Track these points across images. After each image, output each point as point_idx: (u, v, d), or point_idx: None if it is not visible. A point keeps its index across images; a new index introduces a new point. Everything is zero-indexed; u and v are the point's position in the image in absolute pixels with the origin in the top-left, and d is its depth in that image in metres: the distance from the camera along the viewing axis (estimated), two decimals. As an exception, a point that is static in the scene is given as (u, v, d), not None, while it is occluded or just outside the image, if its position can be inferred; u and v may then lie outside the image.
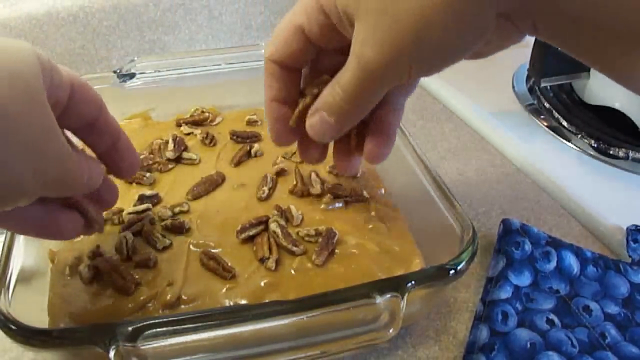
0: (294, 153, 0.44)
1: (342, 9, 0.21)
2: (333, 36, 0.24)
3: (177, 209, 0.38)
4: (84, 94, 0.26)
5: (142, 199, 0.38)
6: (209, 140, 0.45)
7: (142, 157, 0.41)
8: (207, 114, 0.49)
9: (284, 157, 0.44)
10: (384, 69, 0.20)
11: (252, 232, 0.36)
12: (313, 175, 0.41)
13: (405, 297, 0.28)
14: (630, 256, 0.42)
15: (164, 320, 0.25)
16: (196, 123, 0.48)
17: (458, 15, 0.18)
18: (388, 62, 0.20)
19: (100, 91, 0.31)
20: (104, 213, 0.36)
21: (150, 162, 0.42)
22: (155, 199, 0.39)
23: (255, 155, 0.44)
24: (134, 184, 0.40)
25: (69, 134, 0.27)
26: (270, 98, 0.28)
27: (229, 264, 0.34)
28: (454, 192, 0.35)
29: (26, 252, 0.31)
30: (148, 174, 0.40)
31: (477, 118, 0.58)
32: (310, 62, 0.27)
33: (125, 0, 0.61)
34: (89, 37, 0.61)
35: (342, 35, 0.23)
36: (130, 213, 0.37)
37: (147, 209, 0.37)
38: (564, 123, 0.56)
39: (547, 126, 0.57)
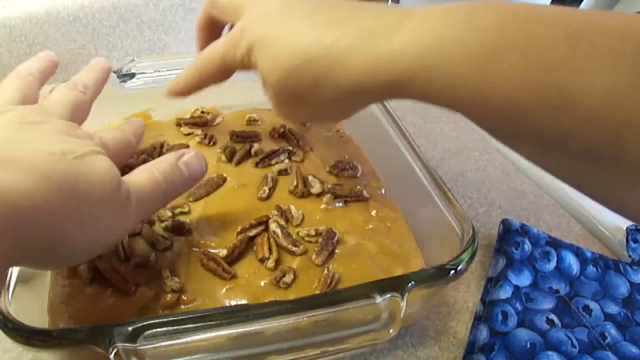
0: (295, 153, 0.44)
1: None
2: None
3: (177, 210, 0.38)
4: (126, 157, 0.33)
5: (142, 199, 0.38)
6: (208, 140, 0.45)
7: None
8: (207, 115, 0.49)
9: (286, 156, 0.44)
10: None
11: (252, 232, 0.36)
12: (313, 175, 0.41)
13: (405, 297, 0.28)
14: (630, 256, 0.42)
15: (164, 320, 0.25)
16: (196, 124, 0.48)
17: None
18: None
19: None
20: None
21: None
22: (155, 199, 0.38)
23: (256, 155, 0.44)
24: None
25: None
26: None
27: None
28: (454, 192, 0.35)
29: (26, 252, 0.31)
30: None
31: (477, 118, 0.58)
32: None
33: (125, 0, 0.61)
34: (89, 37, 0.61)
35: None
36: (130, 213, 0.37)
37: (147, 210, 0.37)
38: (564, 123, 0.56)
39: (547, 126, 0.57)
